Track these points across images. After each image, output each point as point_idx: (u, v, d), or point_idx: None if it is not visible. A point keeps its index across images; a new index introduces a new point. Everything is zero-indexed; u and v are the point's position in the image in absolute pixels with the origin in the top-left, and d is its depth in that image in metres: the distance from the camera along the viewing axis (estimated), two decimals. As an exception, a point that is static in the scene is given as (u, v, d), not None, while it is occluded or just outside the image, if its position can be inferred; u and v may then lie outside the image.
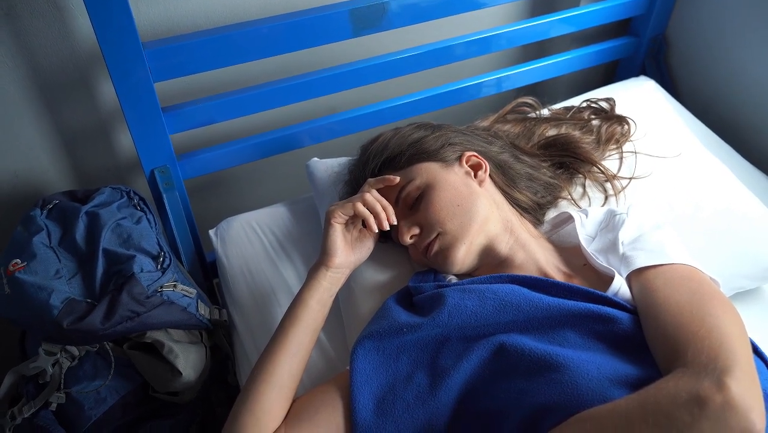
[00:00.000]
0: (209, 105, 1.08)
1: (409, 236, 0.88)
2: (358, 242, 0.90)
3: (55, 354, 0.93)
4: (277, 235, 1.13)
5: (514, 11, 1.44)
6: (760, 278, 1.06)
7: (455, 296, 0.80)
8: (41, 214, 1.01)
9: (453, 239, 0.86)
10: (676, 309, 0.71)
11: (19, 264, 0.93)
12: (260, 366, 0.80)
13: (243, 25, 1.02)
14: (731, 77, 1.37)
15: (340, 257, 0.87)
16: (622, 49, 1.47)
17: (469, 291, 0.80)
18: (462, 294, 0.80)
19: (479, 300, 0.78)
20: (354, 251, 0.89)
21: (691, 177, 1.10)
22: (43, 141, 1.15)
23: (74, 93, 1.12)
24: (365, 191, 0.88)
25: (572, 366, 0.69)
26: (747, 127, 1.36)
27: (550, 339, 0.75)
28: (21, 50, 1.03)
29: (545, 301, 0.77)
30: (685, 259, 0.81)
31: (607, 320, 0.74)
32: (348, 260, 0.88)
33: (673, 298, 0.73)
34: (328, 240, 0.87)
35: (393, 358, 0.80)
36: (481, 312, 0.77)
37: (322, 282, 0.86)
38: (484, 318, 0.77)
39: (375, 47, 1.24)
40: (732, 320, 0.69)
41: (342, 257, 0.87)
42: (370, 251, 0.92)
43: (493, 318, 0.77)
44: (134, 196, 1.07)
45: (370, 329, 0.82)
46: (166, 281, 0.97)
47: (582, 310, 0.75)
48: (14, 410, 0.93)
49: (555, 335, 0.76)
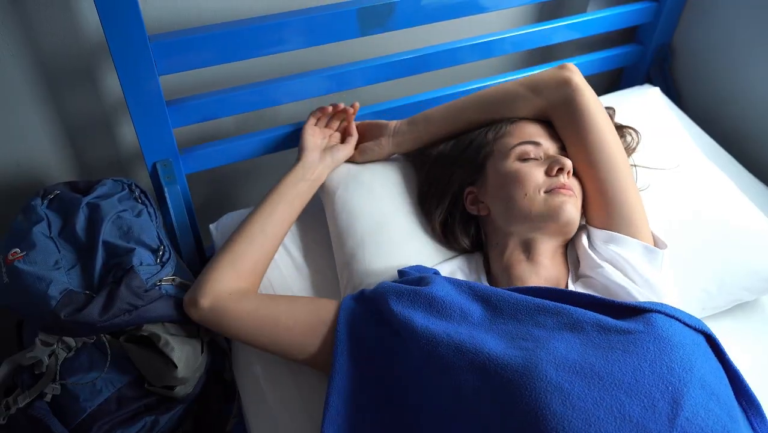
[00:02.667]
0: (213, 100, 1.08)
1: (570, 169, 0.92)
2: (330, 149, 1.08)
3: (52, 345, 0.93)
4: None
5: (521, 16, 1.44)
6: (760, 290, 1.06)
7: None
8: (42, 204, 1.01)
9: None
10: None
11: (18, 253, 0.92)
12: (237, 228, 0.97)
13: (249, 22, 1.02)
14: (736, 88, 1.37)
15: (312, 153, 1.05)
16: (627, 56, 1.47)
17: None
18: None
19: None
20: (326, 154, 1.07)
21: (693, 187, 1.10)
22: (46, 131, 1.14)
23: (78, 84, 1.11)
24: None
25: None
26: (750, 139, 1.36)
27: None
28: (26, 39, 1.02)
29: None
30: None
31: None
32: (320, 159, 1.06)
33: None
34: (302, 140, 1.07)
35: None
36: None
37: (297, 170, 1.03)
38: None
39: (381, 47, 1.24)
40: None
41: (314, 155, 1.06)
42: (344, 155, 1.09)
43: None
44: (135, 189, 1.07)
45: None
46: (165, 275, 0.97)
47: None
48: (9, 400, 0.93)
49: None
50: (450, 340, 0.76)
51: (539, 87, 0.98)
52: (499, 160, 0.96)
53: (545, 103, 0.98)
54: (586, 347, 0.71)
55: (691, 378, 0.68)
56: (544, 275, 0.89)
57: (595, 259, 0.88)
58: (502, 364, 0.70)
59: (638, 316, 0.76)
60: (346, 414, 0.80)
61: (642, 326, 0.73)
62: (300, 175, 1.03)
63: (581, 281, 0.90)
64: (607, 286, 0.86)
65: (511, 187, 0.91)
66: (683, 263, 1.02)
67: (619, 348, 0.71)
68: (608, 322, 0.74)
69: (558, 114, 0.97)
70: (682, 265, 1.02)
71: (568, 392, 0.66)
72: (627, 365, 0.69)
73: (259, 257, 0.95)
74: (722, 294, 1.04)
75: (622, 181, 0.91)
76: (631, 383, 0.67)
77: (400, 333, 0.81)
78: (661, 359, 0.69)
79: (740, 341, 1.00)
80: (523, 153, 0.94)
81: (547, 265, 0.90)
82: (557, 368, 0.68)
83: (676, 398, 0.66)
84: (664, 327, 0.73)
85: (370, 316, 0.85)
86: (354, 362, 0.83)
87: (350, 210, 1.03)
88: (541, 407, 0.65)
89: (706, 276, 1.03)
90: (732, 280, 1.03)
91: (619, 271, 0.86)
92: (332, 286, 1.06)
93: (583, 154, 0.93)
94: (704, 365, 0.71)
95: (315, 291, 1.06)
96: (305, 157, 1.05)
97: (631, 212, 0.90)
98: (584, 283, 0.89)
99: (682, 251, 1.03)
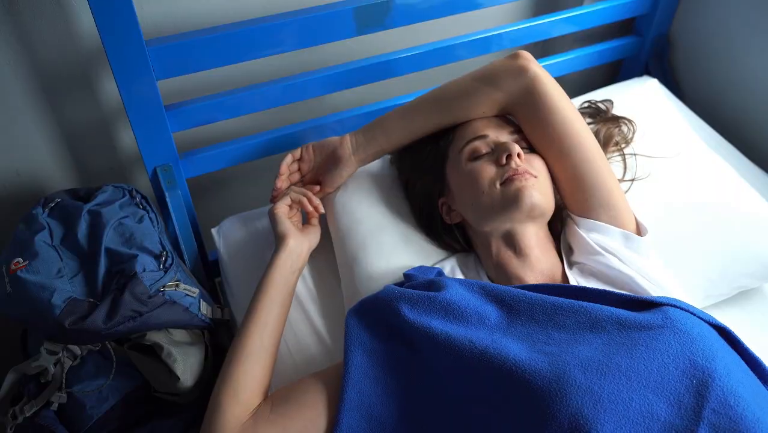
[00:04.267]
0: (212, 103, 1.08)
1: (518, 151, 0.88)
2: (305, 231, 1.00)
3: (57, 353, 0.93)
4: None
5: (518, 10, 1.44)
6: (762, 276, 1.06)
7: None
8: (43, 213, 1.01)
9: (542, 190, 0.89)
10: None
11: (20, 263, 0.92)
12: (234, 343, 0.87)
13: (246, 24, 1.01)
14: (735, 77, 1.37)
15: (293, 237, 0.96)
16: (625, 48, 1.47)
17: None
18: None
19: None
20: (304, 237, 0.98)
21: (694, 175, 1.10)
22: (45, 139, 1.14)
23: (77, 91, 1.11)
24: (289, 193, 1.01)
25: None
26: (750, 128, 1.36)
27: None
28: (23, 47, 1.02)
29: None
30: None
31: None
32: (300, 241, 0.97)
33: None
34: (279, 226, 0.97)
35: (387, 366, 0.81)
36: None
37: (285, 261, 0.93)
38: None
39: (378, 46, 1.24)
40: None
41: (295, 237, 0.96)
42: (318, 235, 1.02)
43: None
44: (136, 195, 1.07)
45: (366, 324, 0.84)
46: (168, 281, 0.97)
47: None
48: (15, 409, 0.93)
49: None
50: (473, 346, 0.74)
51: (494, 79, 0.94)
52: (454, 166, 0.95)
53: (505, 97, 0.94)
54: (609, 346, 0.71)
55: (716, 368, 0.67)
56: (539, 268, 0.88)
57: (593, 246, 0.87)
58: (530, 371, 0.69)
59: (654, 309, 0.75)
60: (358, 428, 0.77)
61: (660, 320, 0.72)
62: (288, 267, 0.93)
63: (577, 267, 0.89)
64: (608, 274, 0.85)
65: (470, 189, 0.90)
66: (685, 251, 1.02)
67: (642, 344, 0.70)
68: (627, 318, 0.73)
69: (519, 106, 0.93)
70: (683, 253, 1.02)
71: (598, 395, 0.65)
72: (652, 362, 0.68)
73: (263, 372, 0.85)
74: (725, 281, 1.04)
75: (595, 165, 0.90)
76: (657, 381, 0.66)
77: (414, 343, 0.79)
78: (683, 354, 0.68)
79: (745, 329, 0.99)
80: (473, 151, 0.92)
81: (538, 256, 0.89)
82: (585, 371, 0.67)
83: (700, 391, 0.66)
84: (682, 320, 0.72)
85: (378, 327, 0.83)
86: (365, 376, 0.80)
87: (351, 212, 1.03)
88: (573, 413, 0.64)
89: (708, 264, 1.03)
90: (734, 266, 1.03)
91: (617, 259, 0.86)
92: (333, 287, 1.05)
93: (552, 143, 0.91)
94: (726, 356, 0.70)
95: (316, 293, 1.05)
96: (288, 242, 0.95)
97: (609, 195, 0.90)
98: (580, 269, 0.89)
99: (684, 239, 1.03)
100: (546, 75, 0.93)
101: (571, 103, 0.93)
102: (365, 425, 0.77)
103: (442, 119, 0.98)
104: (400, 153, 1.06)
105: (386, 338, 0.82)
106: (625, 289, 0.84)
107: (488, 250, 0.92)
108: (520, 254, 0.89)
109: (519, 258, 0.89)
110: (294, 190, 1.01)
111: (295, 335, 0.99)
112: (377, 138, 1.01)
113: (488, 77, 0.95)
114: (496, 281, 0.91)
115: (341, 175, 1.03)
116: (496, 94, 0.94)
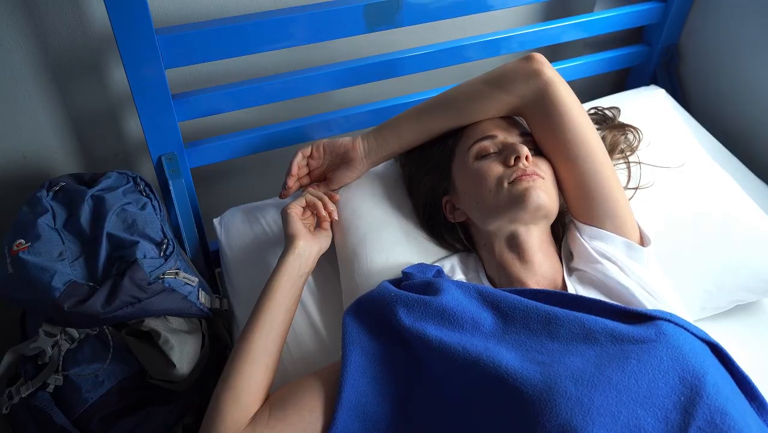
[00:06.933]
0: (219, 94, 1.08)
1: (527, 154, 0.88)
2: (316, 234, 0.98)
3: (55, 336, 0.94)
4: (281, 227, 1.13)
5: (529, 14, 1.44)
6: (761, 291, 1.06)
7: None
8: (47, 196, 1.01)
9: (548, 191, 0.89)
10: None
11: (23, 244, 0.93)
12: (237, 345, 0.85)
13: (256, 16, 1.02)
14: (742, 90, 1.37)
15: (303, 239, 0.93)
16: (634, 57, 1.47)
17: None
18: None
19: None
20: (314, 241, 0.96)
21: (696, 187, 1.09)
22: (52, 123, 1.15)
23: (85, 76, 1.12)
24: (304, 195, 0.99)
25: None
26: (755, 141, 1.36)
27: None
28: (34, 32, 1.03)
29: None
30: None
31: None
32: (310, 244, 0.95)
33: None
34: (289, 226, 0.94)
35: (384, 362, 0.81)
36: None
37: (293, 263, 0.91)
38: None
39: (387, 45, 1.24)
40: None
41: (305, 240, 0.94)
42: (329, 240, 1.00)
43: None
44: (140, 182, 1.08)
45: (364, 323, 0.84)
46: (168, 268, 0.97)
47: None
48: (12, 390, 0.93)
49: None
50: (466, 353, 0.74)
51: (505, 83, 0.93)
52: (460, 164, 0.95)
53: (516, 100, 0.93)
54: (602, 358, 0.71)
55: (704, 385, 0.67)
56: (541, 272, 0.89)
57: (592, 254, 0.88)
58: (522, 380, 0.69)
59: (647, 323, 0.75)
60: (353, 428, 0.78)
61: (653, 334, 0.72)
62: (296, 269, 0.91)
63: (576, 275, 0.89)
64: (606, 283, 0.85)
65: (476, 188, 0.90)
66: (684, 262, 1.02)
67: (634, 358, 0.70)
68: (620, 330, 0.74)
69: (531, 110, 0.92)
70: (683, 264, 1.02)
71: (588, 406, 0.66)
72: (643, 376, 0.68)
73: (265, 377, 0.84)
74: (723, 294, 1.04)
75: (604, 175, 0.90)
76: (646, 396, 0.67)
77: (411, 345, 0.80)
78: (673, 369, 0.69)
79: (741, 343, 0.99)
80: (481, 150, 0.92)
81: (540, 261, 0.89)
82: (576, 383, 0.68)
83: (688, 408, 0.66)
84: (674, 336, 0.72)
85: (375, 327, 0.83)
86: (363, 376, 0.81)
87: (353, 208, 1.03)
88: (563, 423, 0.65)
89: (706, 276, 1.03)
90: (733, 280, 1.03)
91: (617, 268, 0.86)
92: (332, 282, 1.06)
93: (561, 149, 0.91)
94: (716, 373, 0.71)
95: (315, 288, 1.06)
96: (297, 244, 0.92)
97: (615, 205, 0.89)
98: (579, 277, 0.89)
99: (683, 249, 1.03)
100: (560, 79, 0.92)
101: (583, 110, 0.93)
102: (360, 425, 0.78)
103: (454, 122, 0.98)
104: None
105: (383, 338, 0.82)
106: (621, 300, 0.83)
107: (491, 250, 0.92)
108: (523, 258, 0.89)
109: (522, 262, 0.89)
110: (310, 192, 1.00)
111: (293, 330, 1.00)
112: (389, 142, 1.01)
113: (501, 80, 0.94)
114: (497, 281, 0.92)
115: (350, 177, 1.04)
116: (508, 98, 0.93)
